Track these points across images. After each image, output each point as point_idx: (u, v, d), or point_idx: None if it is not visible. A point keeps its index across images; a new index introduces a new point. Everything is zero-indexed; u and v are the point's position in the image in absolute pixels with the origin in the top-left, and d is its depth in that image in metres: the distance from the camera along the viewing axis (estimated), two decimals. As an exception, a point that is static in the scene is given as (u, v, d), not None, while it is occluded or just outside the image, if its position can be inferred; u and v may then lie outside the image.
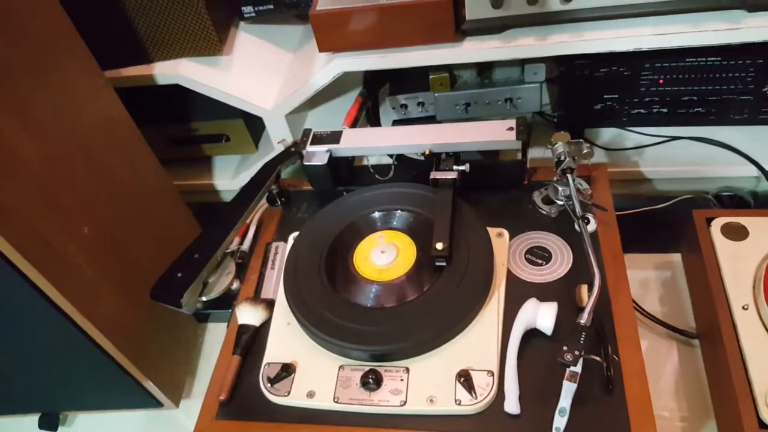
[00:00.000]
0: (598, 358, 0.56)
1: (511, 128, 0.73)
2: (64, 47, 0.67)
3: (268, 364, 0.62)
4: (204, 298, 0.69)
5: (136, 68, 0.85)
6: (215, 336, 0.87)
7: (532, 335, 0.60)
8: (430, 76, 0.87)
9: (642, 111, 0.87)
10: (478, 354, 0.58)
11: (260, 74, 0.90)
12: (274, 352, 0.63)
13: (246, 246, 0.77)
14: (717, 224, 0.70)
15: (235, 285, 0.72)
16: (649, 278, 0.82)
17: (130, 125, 0.77)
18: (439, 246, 0.63)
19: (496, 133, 0.73)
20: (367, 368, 0.59)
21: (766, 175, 0.81)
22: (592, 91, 0.86)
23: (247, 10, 0.89)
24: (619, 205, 0.76)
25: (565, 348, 0.53)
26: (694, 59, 0.80)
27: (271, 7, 0.89)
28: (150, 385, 0.74)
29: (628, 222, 0.74)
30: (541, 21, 0.71)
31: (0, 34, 0.57)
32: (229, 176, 1.00)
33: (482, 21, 0.72)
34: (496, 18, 0.71)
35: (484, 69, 0.88)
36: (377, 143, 0.77)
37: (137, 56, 0.85)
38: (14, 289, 0.57)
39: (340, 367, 0.60)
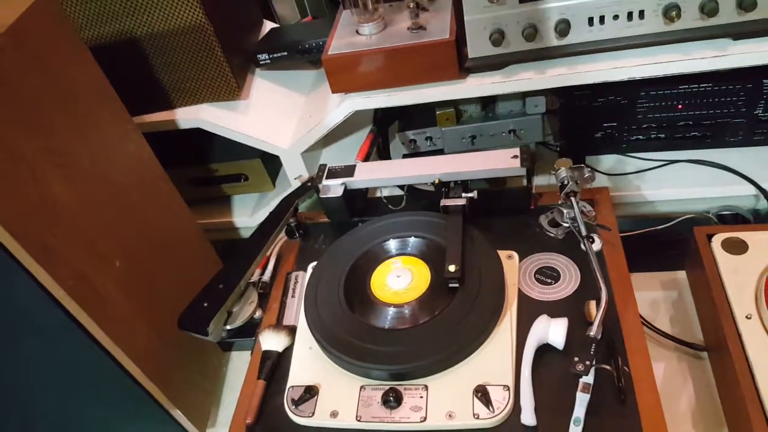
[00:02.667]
0: (608, 367, 0.58)
1: (515, 156, 0.77)
2: (99, 99, 0.73)
3: (292, 387, 0.65)
4: (228, 327, 0.72)
5: (161, 114, 0.91)
6: (239, 365, 0.90)
7: (544, 351, 0.62)
8: (437, 112, 0.92)
9: (640, 137, 0.91)
10: (493, 370, 0.61)
11: (276, 116, 0.95)
12: (298, 375, 0.66)
13: (267, 276, 0.81)
14: (717, 240, 0.73)
15: (258, 313, 0.75)
16: (657, 297, 0.84)
17: (157, 167, 0.82)
18: (452, 268, 0.66)
19: (501, 162, 0.77)
20: (387, 387, 0.62)
21: (765, 194, 0.84)
22: (591, 120, 0.90)
23: (263, 57, 0.96)
24: (624, 227, 0.79)
25: (576, 359, 0.56)
26: (686, 86, 0.84)
27: (285, 54, 0.95)
28: (177, 414, 0.76)
29: (634, 243, 0.77)
30: (539, 56, 0.76)
31: (47, 95, 0.63)
32: (248, 213, 1.04)
33: (484, 58, 0.77)
34: (497, 55, 0.76)
35: (488, 103, 0.93)
36: (389, 175, 0.81)
37: (162, 103, 0.91)
38: (55, 322, 0.60)
39: (362, 387, 0.63)
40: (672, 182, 0.89)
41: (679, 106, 0.86)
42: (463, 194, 0.76)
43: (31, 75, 0.61)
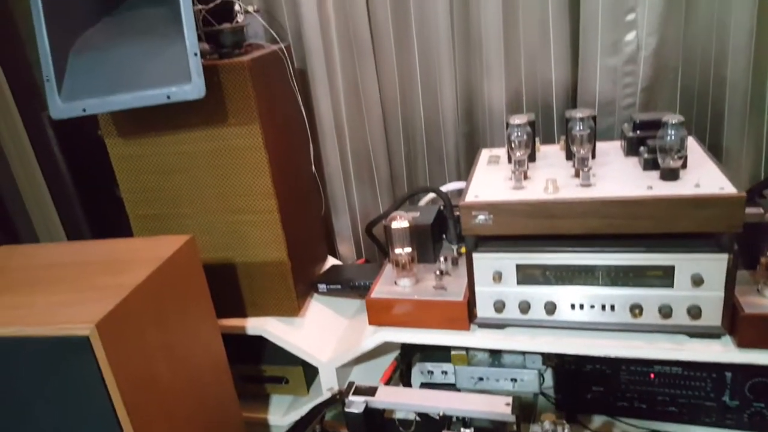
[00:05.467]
0: None
1: (508, 404, 0.93)
2: (202, 306, 0.97)
3: None
4: None
5: (235, 320, 1.15)
6: None
7: None
8: (452, 352, 1.12)
9: (625, 404, 1.06)
10: None
11: (323, 334, 1.17)
12: None
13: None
14: None
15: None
16: None
17: (223, 361, 1.03)
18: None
19: (496, 407, 0.93)
20: None
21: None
22: (582, 382, 1.06)
23: (322, 287, 1.21)
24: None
25: None
26: (660, 367, 1.01)
27: (339, 287, 1.21)
28: None
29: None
30: (531, 325, 0.97)
31: (174, 304, 0.88)
32: (281, 413, 1.21)
33: (488, 319, 0.99)
34: (498, 318, 0.98)
35: (495, 352, 1.12)
36: (403, 401, 0.98)
37: (238, 312, 1.15)
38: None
39: None
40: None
41: (656, 383, 1.02)
42: (462, 429, 0.92)
43: (169, 290, 0.87)
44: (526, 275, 0.95)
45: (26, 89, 1.49)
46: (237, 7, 1.12)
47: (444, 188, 1.23)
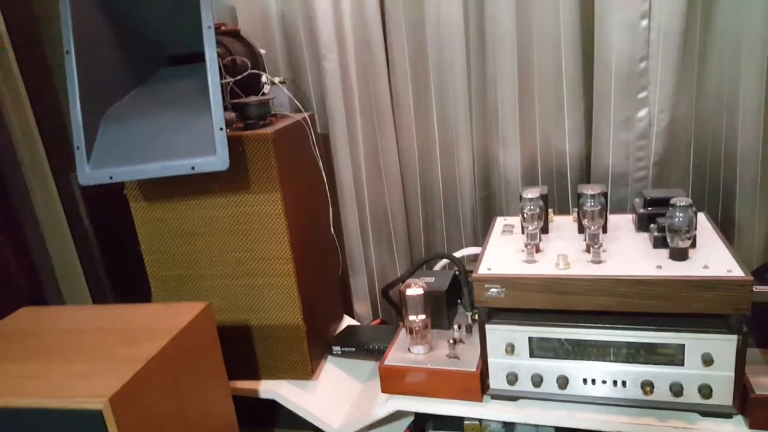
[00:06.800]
0: None
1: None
2: (215, 370, 1.00)
3: None
4: None
5: (249, 382, 1.16)
6: None
7: None
8: (465, 422, 1.11)
9: (639, 480, 1.04)
10: None
11: (336, 398, 1.18)
12: None
13: None
14: None
15: None
16: None
17: (234, 427, 1.04)
18: None
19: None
20: None
21: None
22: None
23: (336, 349, 1.23)
24: None
25: None
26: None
27: (354, 349, 1.22)
28: None
29: None
30: (544, 398, 0.97)
31: (187, 371, 0.91)
32: (292, 476, 1.21)
33: (501, 391, 0.99)
34: (511, 391, 0.98)
35: (508, 422, 1.11)
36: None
37: (251, 373, 1.17)
38: None
39: None
40: None
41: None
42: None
43: (183, 359, 0.89)
44: (539, 348, 0.96)
45: (60, 150, 1.56)
46: (264, 79, 1.18)
47: (459, 253, 1.26)
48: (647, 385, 0.91)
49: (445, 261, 1.33)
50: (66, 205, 1.62)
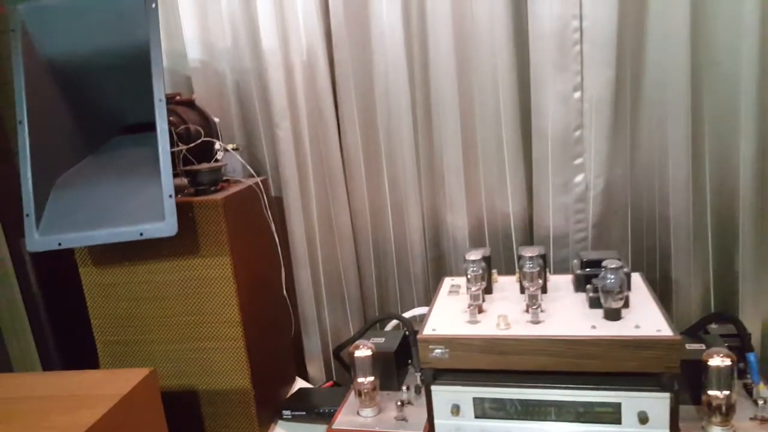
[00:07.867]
0: None
1: None
2: (156, 430, 0.98)
3: None
4: None
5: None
6: None
7: None
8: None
9: None
10: None
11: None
12: None
13: None
14: None
15: None
16: None
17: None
18: None
19: None
20: None
21: None
22: None
23: (286, 413, 1.22)
24: None
25: None
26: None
27: (304, 413, 1.21)
28: None
29: None
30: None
31: (125, 426, 0.89)
32: None
33: (447, 454, 0.99)
34: (457, 453, 0.99)
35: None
36: None
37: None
38: None
39: None
40: None
41: None
42: None
43: (124, 424, 0.88)
44: (483, 409, 0.97)
45: (14, 213, 1.55)
46: (217, 146, 1.21)
47: (409, 314, 1.28)
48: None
49: (396, 321, 1.35)
50: (17, 268, 1.59)
